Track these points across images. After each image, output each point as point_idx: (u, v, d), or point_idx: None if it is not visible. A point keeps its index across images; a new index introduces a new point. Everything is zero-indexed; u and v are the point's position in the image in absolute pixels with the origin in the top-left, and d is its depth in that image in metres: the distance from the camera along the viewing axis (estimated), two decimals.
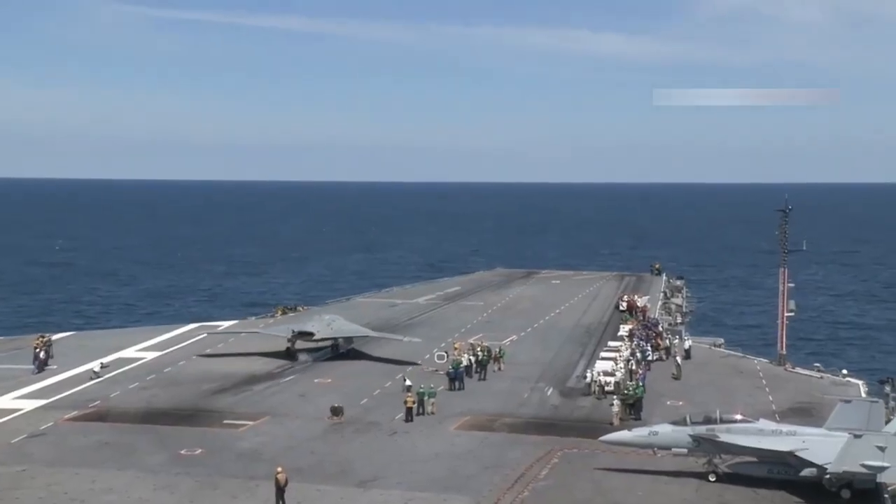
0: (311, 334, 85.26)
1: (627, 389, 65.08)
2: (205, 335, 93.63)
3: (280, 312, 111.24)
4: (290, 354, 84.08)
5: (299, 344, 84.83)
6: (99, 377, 74.43)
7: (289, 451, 54.99)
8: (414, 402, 63.09)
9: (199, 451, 55.14)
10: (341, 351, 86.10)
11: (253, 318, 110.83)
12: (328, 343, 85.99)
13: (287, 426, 60.84)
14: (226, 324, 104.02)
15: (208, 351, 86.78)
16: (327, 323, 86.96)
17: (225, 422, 61.85)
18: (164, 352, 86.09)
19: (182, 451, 54.89)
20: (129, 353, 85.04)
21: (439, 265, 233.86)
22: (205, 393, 70.12)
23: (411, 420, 61.84)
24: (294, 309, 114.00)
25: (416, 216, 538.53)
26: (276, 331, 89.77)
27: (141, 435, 58.35)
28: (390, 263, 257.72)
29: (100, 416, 62.91)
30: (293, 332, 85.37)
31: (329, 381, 74.53)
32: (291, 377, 76.13)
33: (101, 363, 77.49)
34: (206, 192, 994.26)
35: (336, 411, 62.60)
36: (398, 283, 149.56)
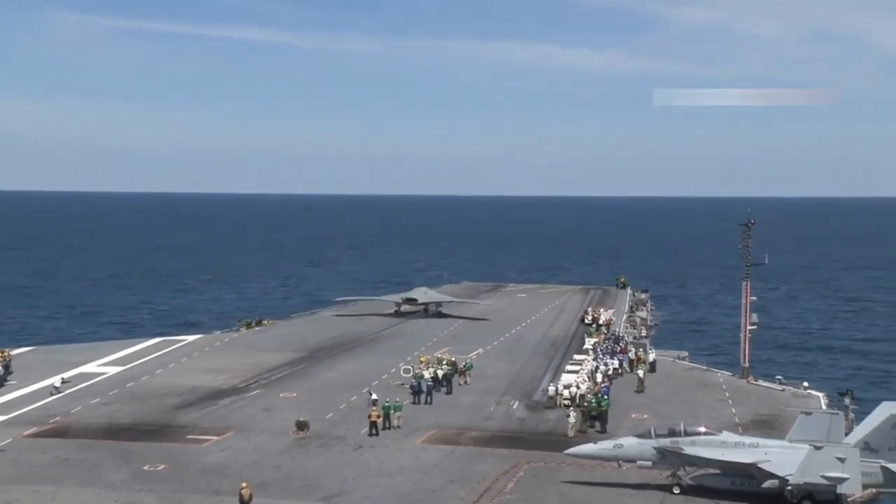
0: (415, 300, 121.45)
1: (588, 402, 65.36)
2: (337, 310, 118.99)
3: (245, 326, 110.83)
4: (398, 314, 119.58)
5: (405, 307, 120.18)
6: (59, 392, 73.44)
7: (254, 466, 54.58)
8: (379, 417, 62.93)
9: (163, 466, 54.53)
10: (430, 312, 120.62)
11: (218, 332, 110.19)
12: (422, 306, 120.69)
13: (252, 441, 60.38)
14: (190, 338, 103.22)
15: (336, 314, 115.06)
16: (423, 292, 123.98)
17: (189, 437, 61.25)
18: (126, 366, 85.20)
19: (145, 467, 54.24)
20: (90, 368, 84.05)
21: (404, 279, 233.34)
22: (168, 408, 69.44)
23: (376, 434, 61.68)
24: (259, 323, 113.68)
25: (382, 229, 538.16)
26: (388, 297, 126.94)
27: (103, 451, 57.58)
28: (353, 277, 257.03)
29: (60, 432, 61.99)
30: (402, 298, 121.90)
31: (294, 395, 74.13)
32: (257, 391, 75.65)
33: (62, 378, 76.47)
34: (168, 205, 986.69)
35: (301, 426, 62.28)
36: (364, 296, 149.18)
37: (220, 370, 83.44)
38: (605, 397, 66.36)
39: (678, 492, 50.67)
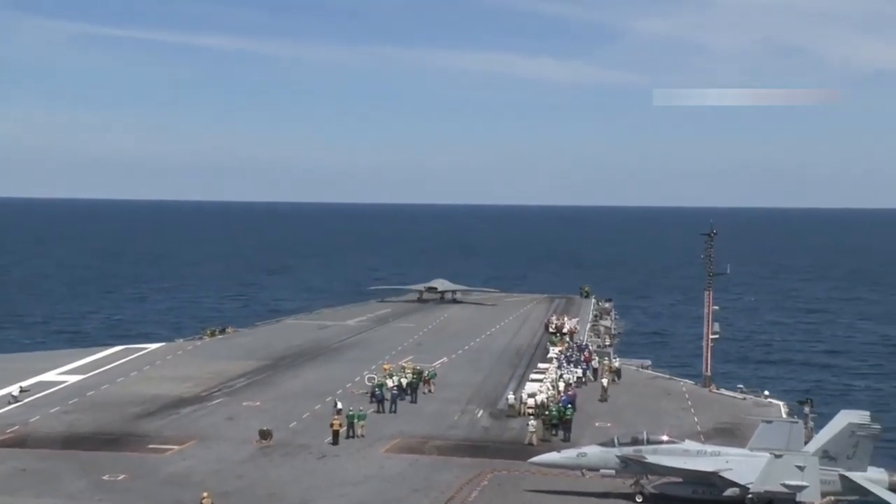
0: (435, 288, 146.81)
1: (549, 411, 65.55)
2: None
3: (209, 334, 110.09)
4: (420, 300, 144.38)
5: (426, 295, 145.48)
6: (18, 401, 72.30)
7: (216, 475, 54.12)
8: (342, 425, 62.68)
9: (123, 476, 53.87)
10: (447, 299, 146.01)
11: (181, 340, 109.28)
12: (440, 295, 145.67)
13: (214, 450, 59.88)
14: (152, 346, 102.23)
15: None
16: (442, 283, 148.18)
17: (150, 446, 60.61)
18: (87, 375, 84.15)
19: (105, 477, 53.55)
20: (50, 376, 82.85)
21: (362, 287, 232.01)
22: (130, 417, 68.67)
23: (337, 443, 61.41)
24: (223, 331, 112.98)
25: (343, 237, 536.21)
26: (413, 286, 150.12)
27: (61, 461, 56.80)
28: (311, 285, 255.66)
29: (18, 442, 61.05)
30: (424, 287, 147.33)
31: (258, 403, 73.64)
32: (220, 400, 75.05)
33: (20, 387, 75.33)
34: (127, 212, 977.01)
35: (264, 434, 61.88)
36: (329, 305, 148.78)
37: (183, 378, 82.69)
38: (569, 406, 66.56)
39: (641, 500, 51.04)
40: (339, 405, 67.06)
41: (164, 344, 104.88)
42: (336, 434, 61.83)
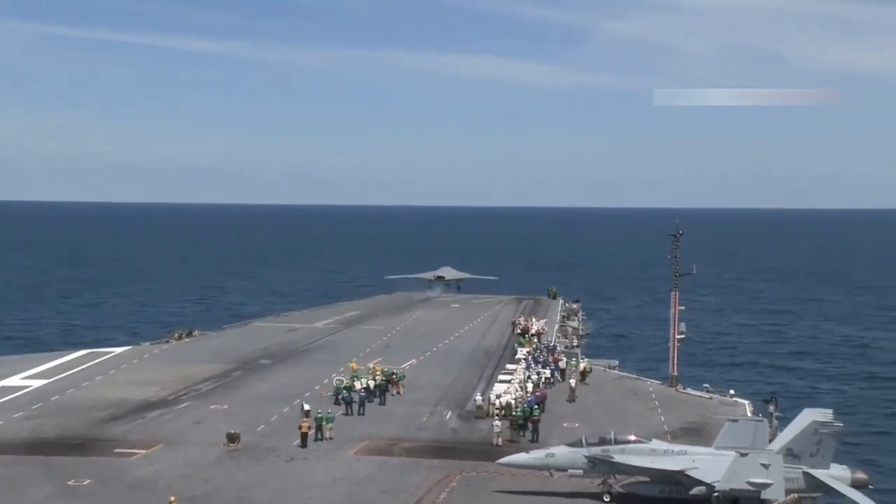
0: (443, 277, 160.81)
1: (515, 412, 65.75)
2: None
3: (176, 337, 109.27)
4: (430, 287, 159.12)
5: (436, 283, 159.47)
6: None
7: (183, 479, 53.77)
8: (310, 428, 62.52)
9: (88, 481, 53.36)
10: (451, 287, 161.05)
11: (147, 343, 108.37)
12: (447, 282, 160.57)
13: (181, 454, 59.48)
14: (118, 350, 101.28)
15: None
16: (448, 271, 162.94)
17: (116, 450, 60.04)
18: (51, 379, 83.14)
19: (70, 482, 53.01)
20: (13, 381, 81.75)
21: (334, 290, 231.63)
22: (95, 421, 68.00)
23: (306, 446, 61.25)
24: (190, 334, 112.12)
25: (315, 240, 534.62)
26: (423, 275, 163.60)
27: (25, 466, 56.10)
28: (274, 288, 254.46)
29: None
30: (433, 276, 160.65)
31: (225, 407, 73.20)
32: (187, 404, 74.52)
33: None
34: (95, 216, 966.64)
35: (232, 438, 61.53)
36: (296, 308, 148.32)
37: (150, 382, 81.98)
38: (535, 407, 66.72)
39: (608, 500, 51.39)
40: (307, 407, 66.92)
41: (129, 347, 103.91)
42: (304, 437, 61.64)
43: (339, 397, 72.65)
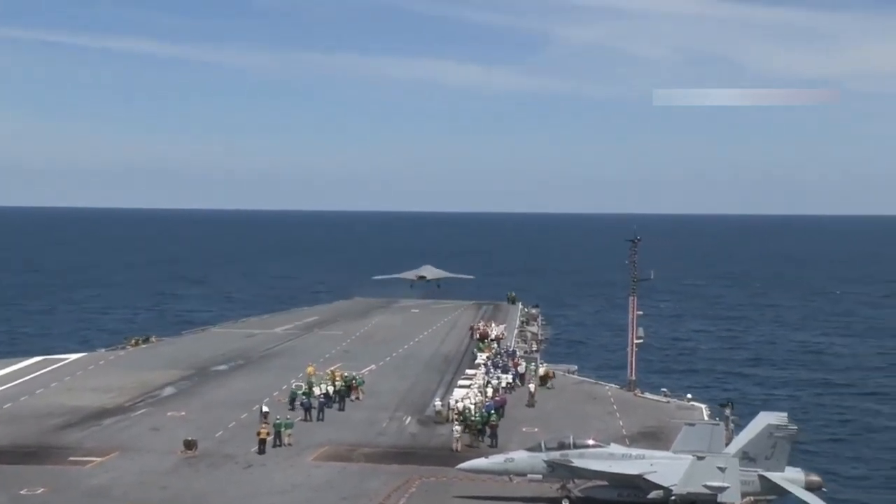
0: (424, 277, 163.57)
1: (473, 416, 65.89)
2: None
3: (133, 344, 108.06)
4: (412, 287, 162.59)
5: (417, 283, 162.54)
6: None
7: (140, 487, 53.22)
8: (269, 434, 62.10)
9: (42, 490, 52.56)
10: (436, 285, 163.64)
11: (103, 349, 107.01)
12: (429, 282, 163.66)
13: (138, 461, 58.81)
14: (73, 356, 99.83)
15: None
16: (430, 270, 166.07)
17: (71, 458, 59.24)
18: (3, 386, 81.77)
19: (22, 491, 52.17)
20: None
21: (290, 296, 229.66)
22: (50, 428, 67.02)
23: (264, 452, 60.83)
24: (146, 340, 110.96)
25: (270, 246, 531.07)
26: (405, 275, 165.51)
27: None
28: (227, 296, 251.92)
29: None
30: (416, 276, 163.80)
31: (183, 413, 72.54)
32: (143, 410, 73.70)
33: None
34: (38, 220, 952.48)
35: (189, 444, 60.97)
36: (253, 314, 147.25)
37: (105, 389, 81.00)
38: (493, 413, 66.78)
39: None
40: (266, 409, 66.61)
41: (85, 354, 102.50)
42: (262, 443, 61.22)
43: (296, 402, 72.35)
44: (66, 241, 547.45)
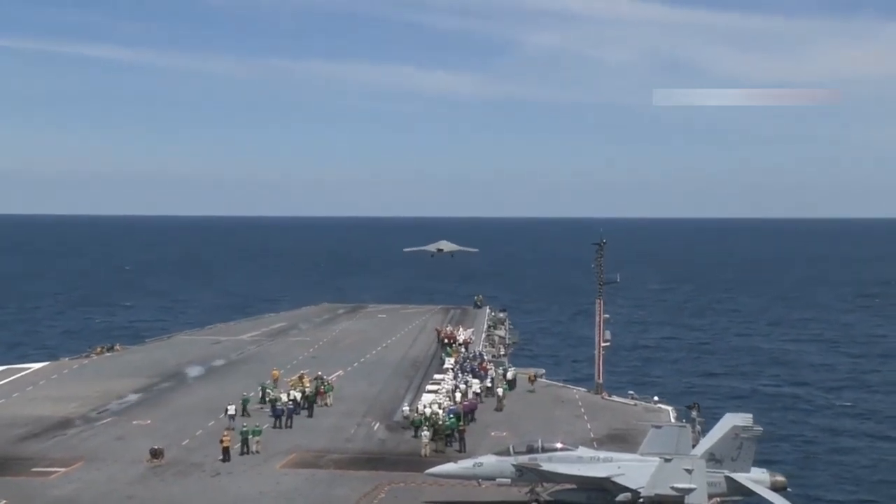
0: (442, 250, 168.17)
1: (440, 421, 65.86)
2: None
3: (97, 352, 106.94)
4: (432, 258, 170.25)
5: (436, 255, 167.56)
6: None
7: (105, 497, 52.65)
8: (231, 441, 61.48)
9: (4, 501, 51.77)
10: (450, 256, 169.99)
11: (66, 358, 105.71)
12: (444, 253, 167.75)
13: (103, 471, 58.17)
14: (35, 366, 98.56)
15: None
16: (447, 244, 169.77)
17: (34, 469, 58.46)
18: None
19: None
20: None
21: (256, 304, 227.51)
22: (11, 439, 66.08)
23: (228, 460, 60.34)
24: (111, 348, 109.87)
25: (233, 252, 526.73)
26: (428, 247, 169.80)
27: None
28: (194, 304, 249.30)
29: None
30: (435, 248, 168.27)
31: (148, 422, 71.86)
32: (108, 419, 72.89)
33: None
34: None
35: (156, 453, 60.41)
36: (218, 320, 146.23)
37: (69, 398, 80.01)
38: (452, 417, 66.54)
39: None
40: (231, 411, 66.32)
41: (48, 363, 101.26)
42: (226, 451, 60.63)
43: (267, 400, 72.08)
44: (16, 248, 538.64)
